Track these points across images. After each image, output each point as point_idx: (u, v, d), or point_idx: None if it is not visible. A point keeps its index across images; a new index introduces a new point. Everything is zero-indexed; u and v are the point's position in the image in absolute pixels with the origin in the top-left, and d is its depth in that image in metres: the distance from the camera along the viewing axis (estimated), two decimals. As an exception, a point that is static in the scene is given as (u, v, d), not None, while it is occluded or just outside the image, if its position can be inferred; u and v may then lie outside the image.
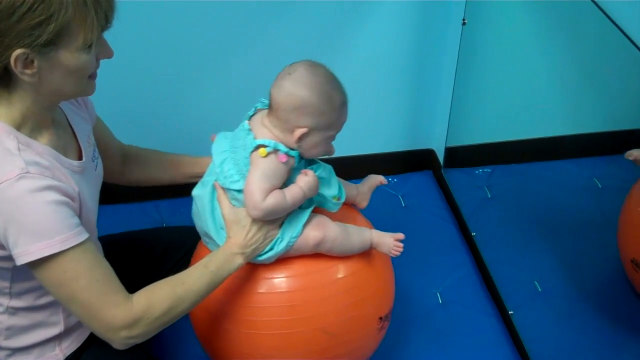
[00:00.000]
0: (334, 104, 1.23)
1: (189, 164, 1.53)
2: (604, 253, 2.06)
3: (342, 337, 1.36)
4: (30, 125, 1.10)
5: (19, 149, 1.05)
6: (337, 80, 1.25)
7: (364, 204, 1.48)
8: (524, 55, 2.14)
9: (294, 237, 1.28)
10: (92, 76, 1.12)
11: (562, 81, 2.24)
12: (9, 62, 1.00)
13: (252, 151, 1.22)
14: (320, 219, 1.32)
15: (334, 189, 1.33)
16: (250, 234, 1.24)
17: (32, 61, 1.02)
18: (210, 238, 1.33)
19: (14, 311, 1.21)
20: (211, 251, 1.30)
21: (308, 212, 1.30)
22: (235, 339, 1.36)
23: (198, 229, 1.37)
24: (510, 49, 2.10)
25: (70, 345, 1.30)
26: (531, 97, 2.26)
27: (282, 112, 1.21)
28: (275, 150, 1.21)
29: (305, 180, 1.25)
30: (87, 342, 1.32)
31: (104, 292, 1.11)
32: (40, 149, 1.10)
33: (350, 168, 1.90)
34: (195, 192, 1.35)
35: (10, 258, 1.09)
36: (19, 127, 1.09)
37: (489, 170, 2.37)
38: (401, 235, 1.37)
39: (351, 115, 2.24)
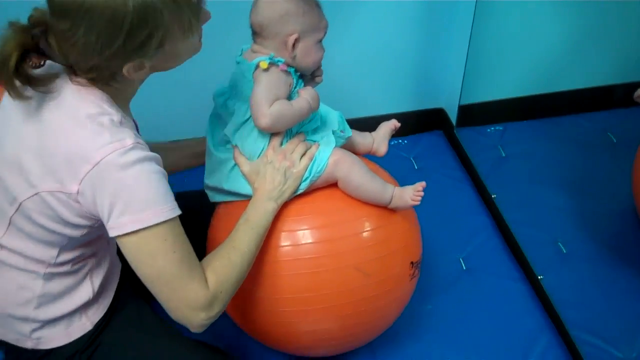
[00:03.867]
0: (310, 3, 1.28)
1: (188, 146, 1.52)
2: (621, 206, 2.04)
3: (376, 276, 1.33)
4: (121, 102, 1.14)
5: (120, 122, 1.08)
6: None
7: (382, 149, 1.49)
8: (539, 10, 2.06)
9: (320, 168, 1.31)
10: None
11: (574, 35, 2.17)
12: (120, 72, 1.06)
13: (254, 71, 1.26)
14: (339, 148, 1.34)
15: (334, 122, 1.37)
16: (269, 178, 1.28)
17: (143, 64, 1.06)
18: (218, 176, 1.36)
19: (50, 276, 1.20)
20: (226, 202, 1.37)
21: (331, 148, 1.32)
22: (263, 295, 1.33)
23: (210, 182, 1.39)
24: (524, 7, 2.02)
25: (97, 312, 1.28)
26: (544, 52, 2.19)
27: (268, 30, 1.27)
28: (274, 63, 1.25)
29: (306, 91, 1.29)
30: (110, 309, 1.31)
31: (190, 268, 1.12)
32: (131, 124, 1.13)
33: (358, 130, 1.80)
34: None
35: (87, 228, 1.12)
36: (113, 101, 1.12)
37: (501, 128, 2.30)
38: (422, 184, 1.36)
39: (359, 75, 2.15)
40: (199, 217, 1.43)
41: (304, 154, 1.31)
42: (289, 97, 1.29)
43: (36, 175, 1.08)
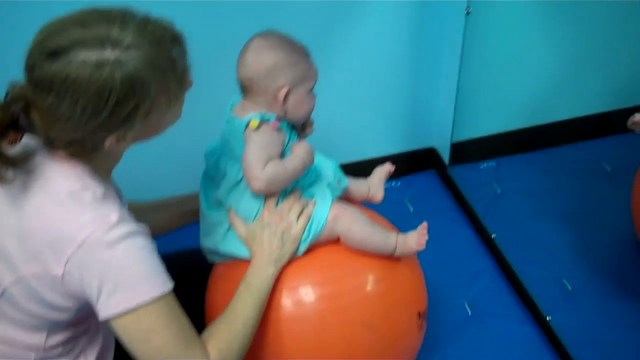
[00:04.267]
0: (298, 52, 1.24)
1: (179, 204, 1.46)
2: (621, 236, 2.02)
3: (383, 330, 1.28)
4: (103, 173, 1.10)
5: (104, 195, 1.03)
6: (289, 36, 1.26)
7: (379, 195, 1.44)
8: (526, 41, 2.05)
9: (320, 226, 1.27)
10: None
11: (563, 64, 2.16)
12: (103, 144, 1.01)
13: (245, 130, 1.21)
14: (338, 202, 1.31)
15: (329, 173, 1.34)
16: (267, 242, 1.23)
17: (125, 136, 1.02)
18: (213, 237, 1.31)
19: None
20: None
21: (328, 204, 1.28)
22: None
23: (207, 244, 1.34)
24: (513, 37, 2.01)
25: None
26: (533, 84, 2.18)
27: (258, 84, 1.22)
28: (265, 121, 1.21)
29: (300, 147, 1.25)
30: None
31: (188, 343, 1.07)
32: (114, 195, 1.09)
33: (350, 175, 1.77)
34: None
35: (74, 310, 1.07)
36: (95, 173, 1.07)
37: (494, 163, 2.27)
38: (424, 224, 1.32)
39: (348, 119, 2.11)
40: (194, 277, 1.38)
41: (301, 213, 1.27)
42: (283, 153, 1.25)
43: (19, 259, 1.03)
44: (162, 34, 0.99)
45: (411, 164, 2.25)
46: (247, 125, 1.21)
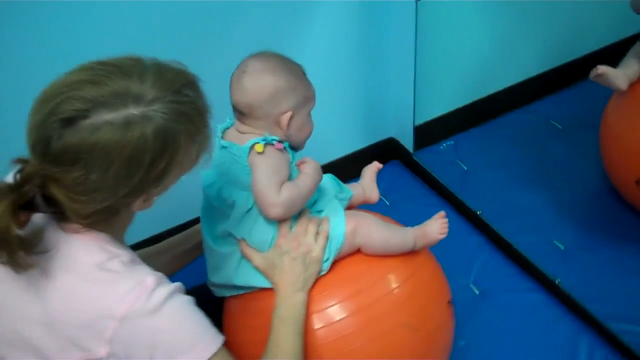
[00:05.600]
0: (298, 74, 1.20)
1: (179, 244, 1.38)
2: (593, 187, 2.08)
3: (424, 328, 1.25)
4: (120, 237, 1.02)
5: (131, 260, 0.96)
6: (284, 56, 1.21)
7: (375, 195, 1.41)
8: (466, 19, 2.07)
9: (339, 243, 1.21)
10: None
11: (499, 36, 2.19)
12: (129, 207, 0.95)
13: (249, 155, 1.14)
14: (349, 212, 1.26)
15: (329, 186, 1.30)
16: (288, 269, 1.17)
17: (154, 193, 0.95)
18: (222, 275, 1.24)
19: None
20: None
21: (342, 218, 1.23)
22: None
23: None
24: (457, 17, 2.03)
25: None
26: (477, 59, 2.19)
27: (259, 110, 1.15)
28: (270, 143, 1.15)
29: (307, 166, 1.21)
30: None
31: None
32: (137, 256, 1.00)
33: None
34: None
35: None
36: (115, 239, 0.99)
37: (452, 142, 2.27)
38: (442, 213, 1.31)
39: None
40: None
41: (317, 233, 1.20)
42: (290, 175, 1.19)
43: (51, 349, 0.92)
44: (180, 79, 0.92)
45: (374, 158, 2.19)
46: (250, 150, 1.14)
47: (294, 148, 1.25)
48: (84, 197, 0.87)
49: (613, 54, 1.82)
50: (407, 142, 2.17)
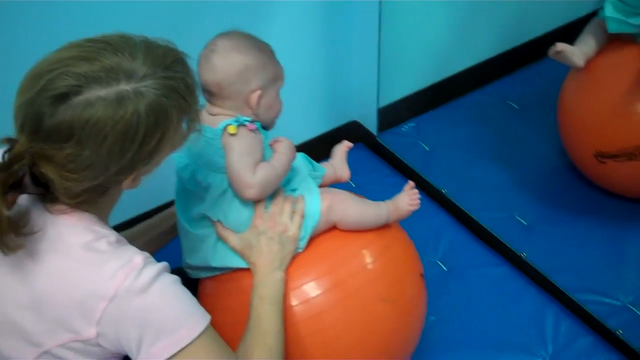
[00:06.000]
0: (267, 52, 1.21)
1: (155, 226, 1.39)
2: (551, 164, 2.13)
3: (400, 300, 1.28)
4: (105, 218, 1.01)
5: (117, 240, 0.95)
6: (252, 35, 1.22)
7: (346, 174, 1.42)
8: (431, 3, 2.10)
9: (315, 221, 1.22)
10: None
11: (457, 18, 2.22)
12: (118, 186, 0.95)
13: (222, 137, 1.15)
14: (323, 189, 1.27)
15: (302, 165, 1.31)
16: (266, 249, 1.17)
17: (144, 171, 0.96)
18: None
19: None
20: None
21: (317, 195, 1.24)
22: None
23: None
24: (422, 2, 2.07)
25: None
26: (436, 41, 2.21)
27: (229, 89, 1.16)
28: (242, 124, 1.15)
29: (281, 145, 1.21)
30: None
31: None
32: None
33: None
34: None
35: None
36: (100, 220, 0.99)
37: (414, 124, 2.30)
38: (411, 183, 1.34)
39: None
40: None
41: (293, 212, 1.22)
42: (263, 155, 1.20)
43: (39, 332, 0.91)
44: (170, 55, 0.93)
45: (338, 141, 2.20)
46: (223, 131, 1.15)
47: (265, 128, 1.26)
48: (76, 174, 0.87)
49: (566, 35, 1.87)
50: (371, 125, 2.18)
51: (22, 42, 1.41)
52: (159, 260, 1.23)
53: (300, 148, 2.08)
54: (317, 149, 2.09)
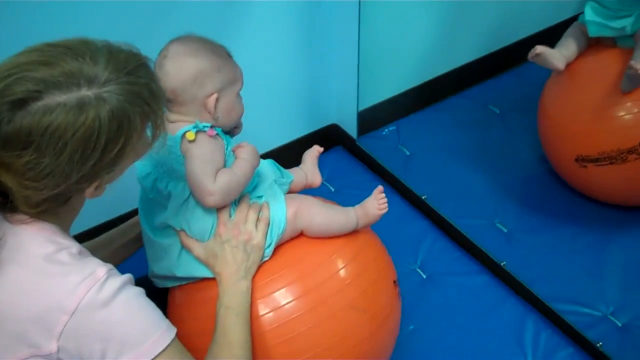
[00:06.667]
0: (222, 54, 1.17)
1: (121, 235, 1.35)
2: (533, 170, 2.10)
3: (372, 308, 1.25)
4: (67, 228, 0.99)
5: (79, 252, 0.93)
6: (207, 38, 1.18)
7: (317, 179, 1.39)
8: (411, 6, 2.07)
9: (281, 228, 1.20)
10: None
11: (439, 21, 2.19)
12: (80, 195, 0.93)
13: (181, 144, 1.12)
14: (289, 196, 1.25)
15: (269, 171, 1.27)
16: (230, 258, 1.15)
17: (107, 179, 0.94)
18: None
19: None
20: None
21: (282, 202, 1.22)
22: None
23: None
24: (402, 4, 2.03)
25: None
26: (418, 44, 2.19)
27: (184, 94, 1.13)
28: (201, 130, 1.12)
29: (243, 150, 1.17)
30: None
31: None
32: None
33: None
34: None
35: None
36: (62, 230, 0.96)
37: (394, 127, 2.26)
38: (380, 188, 1.30)
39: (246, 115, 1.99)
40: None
41: (258, 219, 1.19)
42: (225, 161, 1.17)
43: None
44: (133, 60, 0.90)
45: (317, 144, 2.17)
46: (182, 138, 1.12)
47: (229, 133, 1.23)
48: (36, 182, 0.84)
49: (548, 39, 1.84)
50: (351, 128, 2.15)
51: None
52: (126, 267, 1.20)
53: (278, 151, 2.07)
54: (296, 152, 2.05)
